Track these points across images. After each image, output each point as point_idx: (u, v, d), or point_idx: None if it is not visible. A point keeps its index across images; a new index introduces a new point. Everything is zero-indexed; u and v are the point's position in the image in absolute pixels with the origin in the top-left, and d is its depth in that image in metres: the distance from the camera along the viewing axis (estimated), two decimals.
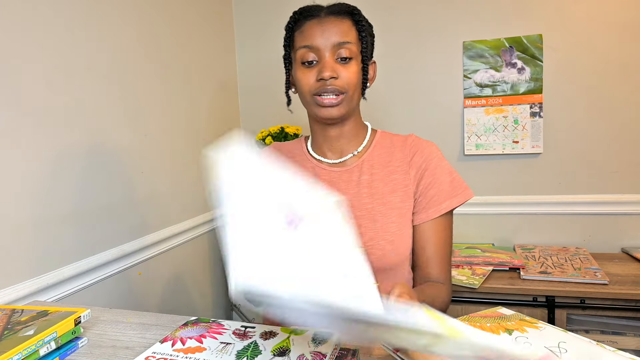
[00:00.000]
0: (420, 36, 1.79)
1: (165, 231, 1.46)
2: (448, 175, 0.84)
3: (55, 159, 1.04)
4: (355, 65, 0.80)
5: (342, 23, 0.80)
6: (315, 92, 0.80)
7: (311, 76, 0.80)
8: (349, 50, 0.79)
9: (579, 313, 1.38)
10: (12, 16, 0.94)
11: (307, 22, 0.81)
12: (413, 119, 1.83)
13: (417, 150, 0.86)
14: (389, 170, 0.85)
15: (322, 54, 0.79)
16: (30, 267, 0.98)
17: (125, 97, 1.28)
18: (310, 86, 0.80)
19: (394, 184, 0.84)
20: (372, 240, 0.80)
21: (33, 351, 0.58)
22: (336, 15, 0.80)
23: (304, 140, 0.96)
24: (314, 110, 0.82)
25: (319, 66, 0.79)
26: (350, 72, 0.79)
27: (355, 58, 0.80)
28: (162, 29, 1.46)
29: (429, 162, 0.84)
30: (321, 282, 0.51)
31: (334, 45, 0.78)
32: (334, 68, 0.78)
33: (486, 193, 1.78)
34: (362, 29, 0.81)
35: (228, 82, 1.96)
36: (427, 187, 0.83)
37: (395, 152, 0.87)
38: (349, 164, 0.88)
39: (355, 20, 0.82)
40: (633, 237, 1.65)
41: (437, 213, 0.82)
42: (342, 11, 0.81)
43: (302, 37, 0.81)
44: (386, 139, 0.90)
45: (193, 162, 1.65)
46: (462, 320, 0.62)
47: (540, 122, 1.69)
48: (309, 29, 0.80)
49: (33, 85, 0.99)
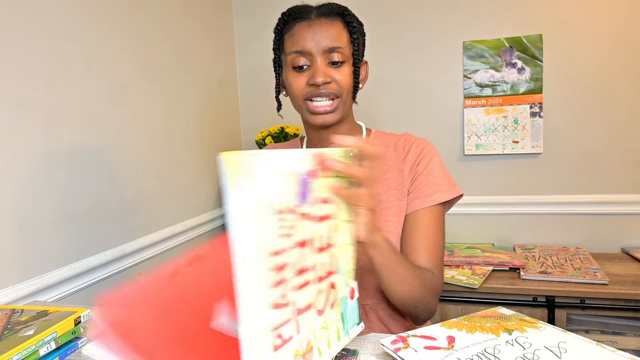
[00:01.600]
0: (421, 36, 1.79)
1: (165, 231, 1.46)
2: (439, 170, 0.84)
3: (55, 158, 1.04)
4: (347, 68, 0.78)
5: (333, 25, 0.78)
6: (307, 96, 0.78)
7: (302, 80, 0.78)
8: (341, 54, 0.77)
9: (579, 313, 1.38)
10: (12, 16, 0.94)
11: (297, 25, 0.79)
12: (413, 119, 1.83)
13: (410, 148, 0.85)
14: (384, 169, 0.85)
15: (314, 58, 0.77)
16: (30, 267, 0.98)
17: (125, 97, 1.28)
18: (301, 90, 0.79)
19: (388, 182, 0.84)
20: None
21: (33, 351, 0.58)
22: (327, 17, 0.78)
23: (299, 141, 0.96)
24: (306, 116, 0.81)
25: (311, 71, 0.77)
26: (344, 75, 0.78)
27: (347, 61, 0.79)
28: (162, 29, 1.46)
29: (421, 158, 0.84)
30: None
31: (325, 50, 0.77)
32: (326, 73, 0.77)
33: (486, 193, 1.78)
34: (353, 30, 0.79)
35: (228, 82, 1.96)
36: (418, 179, 0.83)
37: (389, 151, 0.87)
38: None
39: (346, 21, 0.79)
40: (633, 237, 1.65)
41: (424, 204, 0.81)
42: (333, 12, 0.79)
43: (292, 41, 0.78)
44: (380, 138, 0.90)
45: (193, 162, 1.65)
46: (462, 320, 0.62)
47: (540, 122, 1.69)
48: (299, 32, 0.78)
49: (33, 85, 0.99)
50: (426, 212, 0.81)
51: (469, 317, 0.63)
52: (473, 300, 1.43)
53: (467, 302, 1.43)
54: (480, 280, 1.43)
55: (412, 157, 0.85)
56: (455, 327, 0.60)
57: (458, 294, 1.43)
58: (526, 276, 1.43)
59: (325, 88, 0.77)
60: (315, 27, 0.77)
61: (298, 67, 0.78)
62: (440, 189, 0.82)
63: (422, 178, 0.83)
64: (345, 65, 0.78)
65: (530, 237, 1.76)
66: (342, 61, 0.78)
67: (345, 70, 0.78)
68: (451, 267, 1.56)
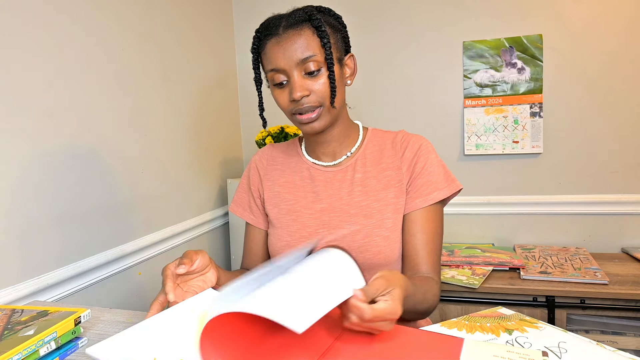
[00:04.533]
0: (421, 36, 1.79)
1: (165, 231, 1.46)
2: (437, 167, 0.85)
3: (55, 158, 1.04)
4: (324, 76, 0.78)
5: (301, 36, 0.76)
6: (292, 111, 0.80)
7: (286, 97, 0.79)
8: (315, 62, 0.76)
9: (579, 313, 1.38)
10: (12, 16, 0.94)
11: (268, 43, 0.78)
12: (413, 119, 1.83)
13: (407, 146, 0.86)
14: (382, 167, 0.86)
15: (289, 73, 0.77)
16: (30, 267, 0.98)
17: (125, 97, 1.28)
18: (287, 106, 0.80)
19: (387, 180, 0.85)
20: (367, 237, 0.81)
21: (33, 351, 0.58)
22: (293, 28, 0.76)
23: (298, 142, 0.96)
24: (298, 126, 0.83)
25: (290, 86, 0.78)
26: (321, 85, 0.77)
27: (323, 67, 0.77)
28: (162, 29, 1.46)
29: (419, 155, 0.85)
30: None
31: (298, 62, 0.76)
32: (303, 86, 0.76)
33: (486, 193, 1.78)
34: (323, 34, 0.76)
35: (228, 82, 1.96)
36: (417, 178, 0.84)
37: (387, 148, 0.88)
38: (343, 164, 0.88)
39: (314, 26, 0.76)
40: (633, 237, 1.65)
41: (425, 203, 0.82)
42: (299, 20, 0.77)
43: (267, 60, 0.79)
44: (377, 136, 0.90)
45: (193, 162, 1.65)
46: (462, 320, 0.62)
47: (540, 122, 1.69)
48: (270, 50, 0.78)
49: (33, 85, 0.99)
50: (426, 211, 0.83)
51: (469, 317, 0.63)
52: (473, 300, 1.43)
53: (467, 302, 1.43)
54: (480, 280, 1.43)
55: (410, 154, 0.85)
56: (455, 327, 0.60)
57: (458, 294, 1.43)
58: (526, 276, 1.43)
59: (305, 102, 0.77)
60: (283, 42, 0.76)
61: (278, 84, 0.79)
62: (439, 186, 0.83)
63: (421, 177, 0.84)
64: (322, 72, 0.77)
65: (530, 237, 1.76)
66: (318, 69, 0.77)
67: (323, 79, 0.77)
68: (451, 267, 1.56)
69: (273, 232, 0.90)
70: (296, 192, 0.89)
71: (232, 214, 1.29)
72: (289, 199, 0.89)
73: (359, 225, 0.81)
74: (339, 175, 0.87)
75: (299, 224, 0.86)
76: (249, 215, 0.96)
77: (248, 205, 0.96)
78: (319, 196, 0.87)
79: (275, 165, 0.95)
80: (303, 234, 0.85)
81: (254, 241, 0.96)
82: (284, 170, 0.93)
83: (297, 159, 0.93)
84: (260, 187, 0.94)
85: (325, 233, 0.83)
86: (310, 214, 0.86)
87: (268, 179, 0.94)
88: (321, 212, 0.85)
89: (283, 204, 0.90)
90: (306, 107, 0.78)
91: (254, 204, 0.95)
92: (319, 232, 0.84)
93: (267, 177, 0.94)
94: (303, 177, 0.90)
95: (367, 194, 0.84)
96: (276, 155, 0.96)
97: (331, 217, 0.84)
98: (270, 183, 0.93)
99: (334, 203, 0.85)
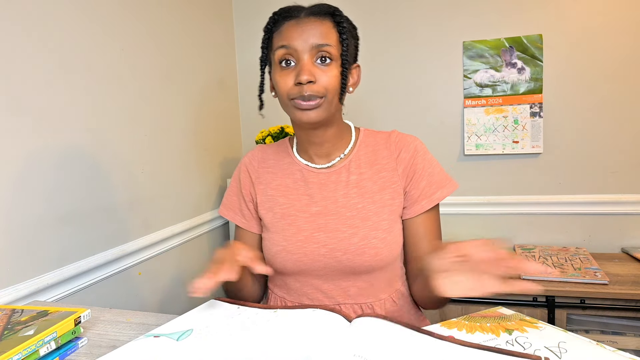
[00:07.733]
0: (420, 36, 1.79)
1: (165, 231, 1.46)
2: (436, 167, 0.86)
3: (55, 158, 1.04)
4: (335, 69, 0.76)
5: (322, 24, 0.76)
6: (293, 96, 0.77)
7: (289, 79, 0.76)
8: (329, 52, 0.75)
9: (579, 313, 1.38)
10: (12, 16, 0.94)
11: (286, 23, 0.78)
12: (413, 119, 1.83)
13: (402, 147, 0.86)
14: (377, 168, 0.85)
15: (300, 55, 0.75)
16: (30, 267, 0.98)
17: (125, 97, 1.28)
18: (288, 89, 0.77)
19: (382, 181, 0.84)
20: (365, 239, 0.80)
21: (33, 351, 0.58)
22: (316, 16, 0.77)
23: (288, 142, 0.94)
24: (293, 114, 0.79)
25: (297, 69, 0.76)
26: (330, 76, 0.75)
27: (335, 61, 0.76)
28: (162, 29, 1.46)
29: (416, 157, 0.85)
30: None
31: (312, 47, 0.74)
32: (311, 71, 0.74)
33: (486, 193, 1.78)
34: (343, 30, 0.77)
35: (228, 82, 1.96)
36: (418, 180, 0.84)
37: (380, 149, 0.87)
38: (337, 165, 0.87)
39: (336, 21, 0.77)
40: (633, 237, 1.65)
41: (431, 203, 0.83)
42: (323, 12, 0.77)
43: (280, 38, 0.78)
44: (370, 137, 0.90)
45: (193, 162, 1.65)
46: (462, 320, 0.62)
47: (540, 122, 1.69)
48: (287, 30, 0.77)
49: (33, 85, 0.98)
50: (429, 214, 0.84)
51: (469, 317, 0.63)
52: (473, 300, 1.43)
53: (467, 302, 1.43)
54: None
55: (406, 155, 0.85)
56: (455, 327, 0.60)
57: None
58: (526, 276, 1.43)
59: (309, 88, 0.74)
60: (303, 24, 0.76)
61: (285, 62, 0.77)
62: (441, 185, 0.84)
63: (423, 179, 0.84)
64: (333, 64, 0.76)
65: (530, 237, 1.76)
66: (330, 60, 0.76)
67: (333, 71, 0.76)
68: None
69: (268, 237, 0.87)
70: (290, 195, 0.87)
71: None
72: (283, 203, 0.87)
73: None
74: (332, 177, 0.86)
75: (294, 228, 0.84)
76: (241, 219, 0.92)
77: (239, 208, 0.93)
78: (314, 199, 0.85)
79: (267, 168, 0.92)
80: (299, 237, 0.83)
81: (246, 245, 0.94)
82: (276, 172, 0.90)
83: (289, 161, 0.90)
84: (252, 191, 0.91)
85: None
86: (305, 217, 0.84)
87: (260, 182, 0.91)
88: (316, 215, 0.83)
89: (277, 208, 0.87)
90: (309, 94, 0.75)
91: (245, 207, 0.92)
92: (315, 236, 0.82)
93: (258, 180, 0.91)
94: (296, 180, 0.88)
95: (363, 195, 0.83)
96: (267, 157, 0.93)
97: (327, 220, 0.83)
98: (263, 186, 0.90)
99: (329, 205, 0.83)
